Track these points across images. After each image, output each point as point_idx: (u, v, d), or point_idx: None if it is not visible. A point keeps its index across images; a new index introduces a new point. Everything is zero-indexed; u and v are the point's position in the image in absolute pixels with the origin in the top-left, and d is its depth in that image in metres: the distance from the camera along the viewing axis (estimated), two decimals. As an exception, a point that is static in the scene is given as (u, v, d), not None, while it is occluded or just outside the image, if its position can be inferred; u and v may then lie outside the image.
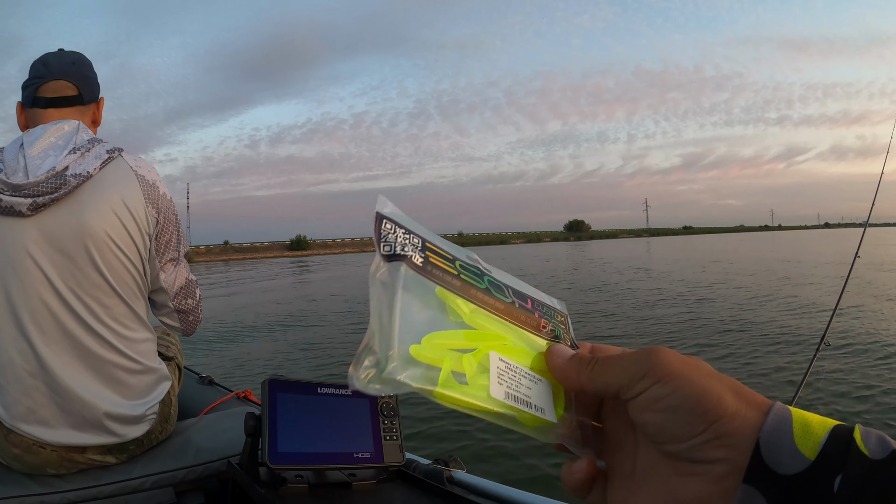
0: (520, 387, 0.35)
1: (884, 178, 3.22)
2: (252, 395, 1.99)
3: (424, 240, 0.35)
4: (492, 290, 0.37)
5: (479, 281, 0.36)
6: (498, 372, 0.34)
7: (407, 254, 0.34)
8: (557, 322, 0.40)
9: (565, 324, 0.41)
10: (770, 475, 0.31)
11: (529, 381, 0.36)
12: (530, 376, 0.36)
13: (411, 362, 0.31)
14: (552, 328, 0.39)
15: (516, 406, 0.34)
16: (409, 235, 0.35)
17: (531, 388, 0.36)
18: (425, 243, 0.35)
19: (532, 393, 0.35)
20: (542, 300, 0.41)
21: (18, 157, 1.34)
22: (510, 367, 0.35)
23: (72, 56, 1.54)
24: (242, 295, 18.96)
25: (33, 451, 1.31)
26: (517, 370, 0.35)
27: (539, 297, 0.41)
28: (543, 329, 0.39)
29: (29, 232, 1.30)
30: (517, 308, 0.38)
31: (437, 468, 1.38)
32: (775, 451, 0.31)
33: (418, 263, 0.34)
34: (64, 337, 1.32)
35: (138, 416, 1.41)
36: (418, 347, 0.32)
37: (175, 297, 1.55)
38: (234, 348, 8.72)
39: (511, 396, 0.34)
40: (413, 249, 0.34)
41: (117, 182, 1.40)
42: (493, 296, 0.37)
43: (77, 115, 1.50)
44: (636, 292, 13.93)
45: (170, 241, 1.51)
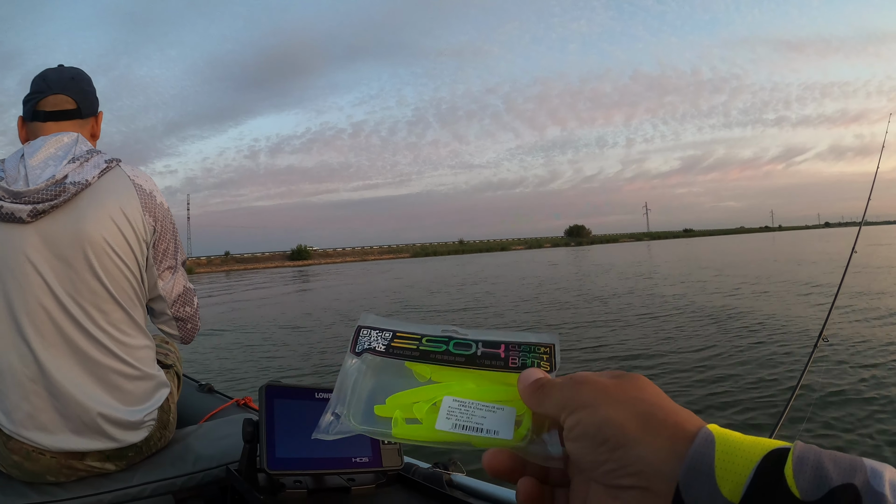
0: (472, 417, 0.42)
1: (883, 175, 3.21)
2: (251, 402, 2.00)
3: (395, 331, 0.47)
4: (453, 350, 0.46)
5: (440, 347, 0.46)
6: (448, 410, 0.42)
7: (372, 346, 0.46)
8: (536, 355, 0.46)
9: (549, 353, 0.46)
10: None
11: (486, 412, 0.42)
12: (488, 407, 0.43)
13: (371, 418, 0.42)
14: (521, 361, 0.45)
15: (465, 433, 0.41)
16: (380, 333, 0.47)
17: (486, 417, 0.42)
18: (395, 334, 0.47)
19: (486, 420, 0.42)
20: (520, 341, 0.47)
21: (19, 166, 1.38)
22: (464, 404, 0.43)
23: (71, 71, 1.58)
24: (242, 303, 18.96)
25: (33, 457, 1.32)
26: (472, 405, 0.43)
27: (517, 340, 0.47)
28: (513, 365, 0.45)
29: (29, 238, 1.32)
30: (480, 355, 0.46)
31: (436, 472, 1.38)
32: (695, 493, 0.29)
33: (381, 350, 0.46)
34: (63, 342, 1.33)
35: (136, 421, 1.42)
36: (381, 407, 0.43)
37: (173, 305, 1.57)
38: (233, 356, 8.73)
39: (460, 426, 0.41)
40: (379, 342, 0.46)
41: (115, 191, 1.42)
42: (454, 353, 0.46)
43: (76, 128, 1.53)
44: (639, 298, 13.92)
45: (167, 249, 1.53)
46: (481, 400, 0.43)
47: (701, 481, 0.29)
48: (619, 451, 0.32)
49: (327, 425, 0.43)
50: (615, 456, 0.32)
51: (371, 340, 0.46)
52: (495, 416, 0.42)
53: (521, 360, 0.45)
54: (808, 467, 0.27)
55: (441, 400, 0.43)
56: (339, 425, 0.42)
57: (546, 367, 0.45)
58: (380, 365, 0.45)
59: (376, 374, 0.45)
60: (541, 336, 0.48)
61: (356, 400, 0.43)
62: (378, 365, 0.45)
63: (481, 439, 0.41)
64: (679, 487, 0.29)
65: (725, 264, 24.97)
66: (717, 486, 0.28)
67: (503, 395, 0.43)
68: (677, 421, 0.32)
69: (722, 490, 0.28)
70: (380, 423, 0.42)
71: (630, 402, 0.34)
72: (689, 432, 0.31)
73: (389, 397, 0.43)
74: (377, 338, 0.47)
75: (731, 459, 0.29)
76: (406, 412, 0.43)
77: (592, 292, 15.22)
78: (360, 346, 0.46)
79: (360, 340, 0.46)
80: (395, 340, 0.47)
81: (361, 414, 0.43)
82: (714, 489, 0.28)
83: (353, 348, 0.46)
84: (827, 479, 0.27)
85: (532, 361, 0.45)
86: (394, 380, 0.45)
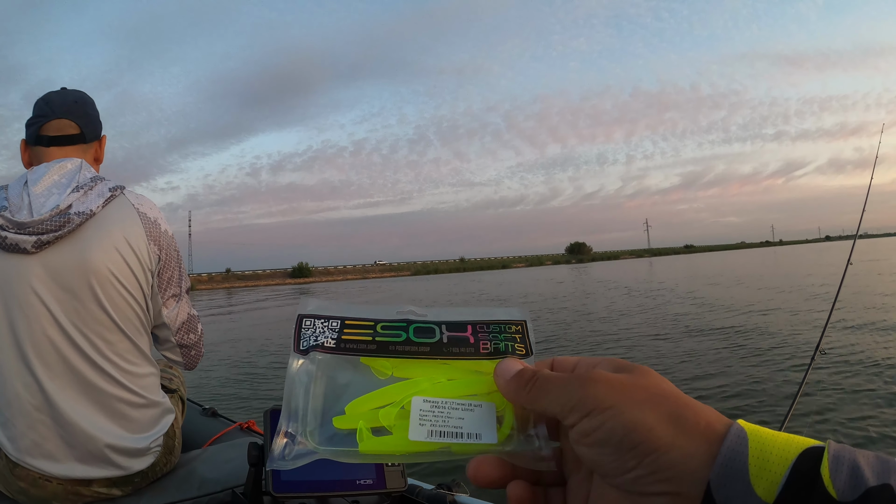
0: (448, 420, 0.37)
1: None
2: (255, 426, 2.00)
3: (344, 319, 0.40)
4: (414, 337, 0.40)
5: (399, 335, 0.40)
6: (420, 414, 0.37)
7: (319, 342, 0.39)
8: (508, 335, 0.41)
9: (521, 332, 0.42)
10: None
11: (462, 412, 0.38)
12: (464, 406, 0.38)
13: (332, 434, 0.36)
14: (494, 346, 0.40)
15: (444, 440, 0.37)
16: (327, 322, 0.40)
17: (464, 418, 0.38)
18: (344, 322, 0.40)
19: (465, 422, 0.38)
20: (488, 319, 0.42)
21: (23, 194, 1.37)
22: (436, 404, 0.38)
23: (74, 95, 1.57)
24: (244, 324, 18.91)
25: (39, 484, 1.32)
26: (446, 405, 0.38)
27: (484, 318, 0.42)
28: (484, 350, 0.40)
29: (33, 269, 1.33)
30: (447, 342, 0.40)
31: (440, 493, 1.38)
32: (728, 493, 0.28)
33: (331, 346, 0.39)
34: (68, 371, 1.34)
35: (143, 448, 1.42)
36: (341, 418, 0.37)
37: (177, 332, 1.57)
38: (236, 379, 8.69)
39: (437, 433, 0.37)
40: (327, 334, 0.39)
41: (120, 220, 1.42)
42: (416, 342, 0.40)
43: (79, 153, 1.52)
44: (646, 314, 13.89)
45: (171, 277, 1.53)
46: (455, 397, 0.38)
47: (734, 480, 0.28)
48: (651, 456, 0.29)
49: (281, 451, 0.36)
50: (645, 462, 0.30)
51: (317, 333, 0.39)
52: (474, 415, 0.38)
53: (493, 343, 0.40)
54: (845, 467, 0.26)
55: (410, 402, 0.37)
56: (295, 448, 0.36)
57: (521, 351, 0.41)
58: (331, 364, 0.38)
59: (329, 376, 0.38)
60: (510, 311, 0.43)
61: (311, 414, 0.37)
62: (329, 364, 0.38)
63: (462, 446, 0.37)
64: (710, 487, 0.28)
65: (723, 278, 24.92)
66: (750, 485, 0.27)
67: (478, 388, 0.39)
68: (708, 420, 0.30)
69: (756, 489, 0.27)
70: (343, 440, 0.36)
71: (655, 401, 0.31)
72: (719, 431, 0.30)
73: (349, 405, 0.37)
74: (323, 329, 0.39)
75: (765, 458, 0.28)
76: (371, 421, 0.37)
77: (597, 311, 15.19)
78: (306, 341, 0.39)
79: (304, 334, 0.39)
80: (346, 331, 0.39)
81: (319, 431, 0.36)
82: (748, 488, 0.27)
83: (297, 346, 0.38)
84: (863, 479, 0.26)
85: (505, 345, 0.41)
86: (350, 380, 0.38)
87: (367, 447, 0.36)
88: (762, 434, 0.29)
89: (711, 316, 11.93)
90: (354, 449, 0.36)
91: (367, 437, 0.36)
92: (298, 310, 0.40)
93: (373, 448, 0.36)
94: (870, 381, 5.79)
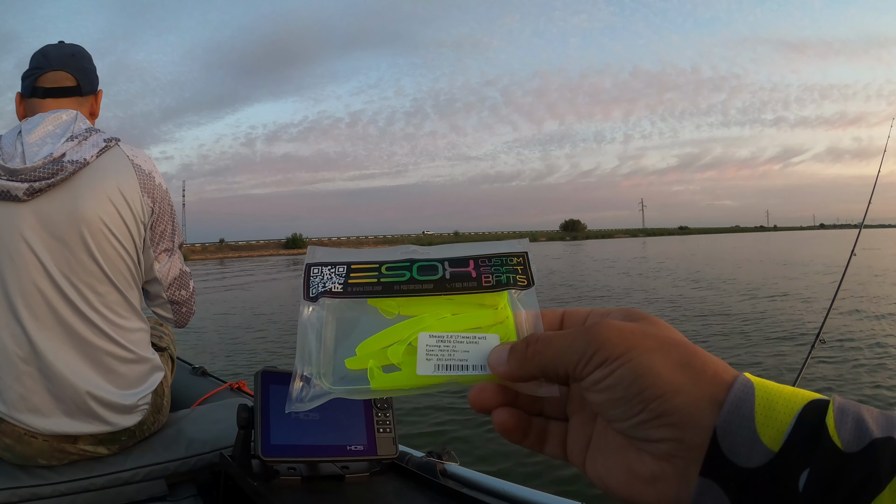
0: (454, 354, 0.38)
1: (881, 178, 3.22)
2: (246, 387, 1.99)
3: (349, 263, 0.41)
4: (418, 276, 0.41)
5: (403, 274, 0.41)
6: (427, 349, 0.38)
7: (327, 288, 0.40)
8: (510, 267, 0.42)
9: (522, 264, 0.42)
10: (729, 467, 0.28)
11: (467, 344, 0.39)
12: (469, 339, 0.39)
13: (345, 375, 0.38)
14: (496, 279, 0.41)
15: (451, 373, 0.38)
16: (333, 269, 0.41)
17: (469, 350, 0.39)
18: (350, 267, 0.41)
19: (470, 355, 0.38)
20: (490, 252, 0.43)
21: (16, 143, 1.35)
22: (442, 339, 0.39)
23: (71, 48, 1.56)
24: (237, 289, 18.95)
25: (25, 440, 1.30)
26: (451, 339, 0.39)
27: (486, 252, 0.43)
28: (486, 283, 0.41)
29: (24, 217, 1.30)
30: (449, 278, 0.41)
31: (430, 461, 1.38)
32: (734, 439, 0.28)
33: (338, 290, 0.40)
34: (57, 323, 1.32)
35: (130, 405, 1.40)
36: (352, 359, 0.39)
37: (169, 287, 1.55)
38: (227, 339, 8.72)
39: (443, 367, 0.38)
40: (335, 280, 0.41)
41: (114, 170, 1.40)
42: (420, 280, 0.41)
43: (75, 105, 1.51)
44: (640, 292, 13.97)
45: (164, 231, 1.51)
46: (459, 331, 0.39)
47: (740, 427, 0.28)
48: (657, 401, 0.30)
49: (298, 393, 0.38)
50: (651, 406, 0.30)
51: (325, 280, 0.41)
52: (478, 347, 0.39)
53: (496, 276, 0.41)
54: (850, 419, 0.27)
55: (416, 338, 0.39)
56: (311, 390, 0.38)
57: (523, 282, 0.41)
58: (340, 308, 0.40)
59: (338, 320, 0.40)
60: (510, 244, 0.44)
61: (324, 356, 0.39)
62: (338, 308, 0.40)
63: (468, 377, 0.38)
64: (716, 434, 0.28)
65: (722, 263, 25.04)
66: (756, 433, 0.28)
67: (482, 320, 0.40)
68: (716, 370, 0.30)
69: (762, 437, 0.28)
70: (355, 379, 0.38)
71: (665, 349, 0.31)
72: (726, 380, 0.30)
73: (359, 346, 0.39)
74: (330, 275, 0.41)
75: (771, 406, 0.28)
76: (381, 359, 0.38)
77: (596, 288, 15.27)
78: (314, 288, 0.40)
79: (313, 282, 0.41)
80: (352, 275, 0.41)
81: (332, 372, 0.38)
82: (753, 436, 0.28)
83: (307, 293, 0.40)
84: (868, 431, 0.26)
85: (507, 277, 0.41)
86: (359, 322, 0.40)
87: (378, 384, 0.38)
88: (768, 385, 0.29)
89: (710, 300, 12.00)
90: (366, 386, 0.38)
91: (377, 375, 0.38)
92: (307, 259, 0.42)
93: (383, 385, 0.38)
94: (871, 373, 5.83)
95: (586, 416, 0.37)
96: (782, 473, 0.27)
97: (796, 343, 7.18)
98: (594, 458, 0.36)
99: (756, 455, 0.27)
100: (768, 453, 0.27)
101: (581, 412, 0.38)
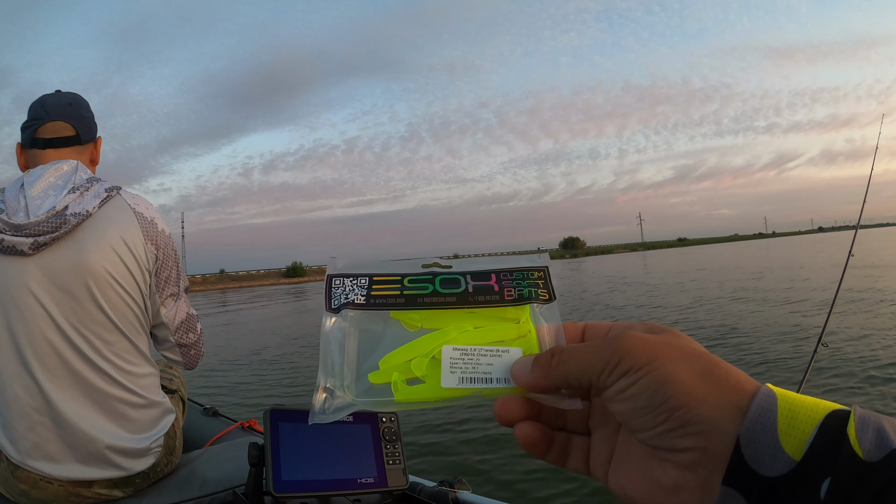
0: (478, 367, 0.39)
1: (875, 177, 3.23)
2: (257, 425, 1.99)
3: (371, 276, 0.41)
4: (441, 289, 0.41)
5: (426, 287, 0.41)
6: (451, 362, 0.38)
7: (350, 300, 0.40)
8: (531, 281, 0.42)
9: (543, 278, 0.43)
10: (751, 476, 0.28)
11: (491, 357, 0.39)
12: (492, 352, 0.39)
13: (368, 388, 0.38)
14: (518, 292, 0.42)
15: (475, 386, 0.38)
16: (355, 280, 0.41)
17: (493, 364, 0.39)
18: (372, 279, 0.41)
19: (493, 368, 0.39)
20: (512, 266, 0.43)
21: (19, 197, 1.37)
22: (466, 352, 0.39)
23: (69, 97, 1.57)
24: (241, 324, 18.88)
25: (40, 486, 1.32)
26: (475, 352, 0.39)
27: (508, 266, 0.43)
28: (509, 297, 0.41)
29: (31, 270, 1.32)
30: (472, 291, 0.41)
31: (441, 490, 1.38)
32: (756, 448, 0.28)
33: (361, 302, 0.40)
34: (67, 373, 1.34)
35: (143, 449, 1.42)
36: (376, 373, 0.38)
37: (176, 331, 1.57)
38: (236, 379, 8.67)
39: (467, 379, 0.38)
40: (357, 292, 0.40)
41: (116, 220, 1.42)
42: (443, 293, 0.41)
43: (75, 154, 1.52)
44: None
45: (169, 276, 1.53)
46: (483, 344, 0.39)
47: (763, 436, 0.28)
48: (681, 410, 0.30)
49: (321, 405, 0.37)
50: (676, 415, 0.30)
51: (347, 291, 0.40)
52: (502, 360, 0.39)
53: (518, 290, 0.42)
54: (871, 429, 0.27)
55: (440, 351, 0.39)
56: (334, 402, 0.37)
57: (544, 296, 0.42)
58: (363, 320, 0.40)
59: (361, 332, 0.40)
60: (531, 258, 0.44)
61: (347, 368, 0.38)
62: (361, 320, 0.40)
63: (492, 390, 0.38)
64: (739, 442, 0.28)
65: (721, 271, 25.00)
66: (779, 441, 0.28)
67: (505, 334, 0.40)
68: (738, 379, 0.31)
69: (784, 446, 0.28)
70: (378, 392, 0.38)
71: (688, 358, 0.32)
72: (749, 390, 0.30)
73: (382, 360, 0.39)
74: (353, 287, 0.40)
75: (793, 416, 0.28)
76: (404, 372, 0.38)
77: (601, 305, 15.23)
78: (337, 300, 0.40)
79: (335, 293, 0.40)
80: (374, 287, 0.41)
81: (356, 384, 0.38)
82: (776, 444, 0.28)
83: (329, 304, 0.40)
84: (888, 440, 0.26)
85: (529, 290, 0.42)
86: (382, 335, 0.40)
87: (402, 397, 0.38)
88: (790, 395, 0.30)
89: (711, 309, 11.97)
90: (390, 398, 0.38)
91: (401, 388, 0.38)
92: (328, 271, 0.41)
93: (407, 397, 0.38)
94: (877, 373, 5.79)
95: (609, 430, 0.38)
96: (804, 482, 0.27)
97: (796, 345, 7.16)
98: (617, 471, 0.36)
99: (778, 464, 0.28)
100: (790, 462, 0.28)
101: (604, 426, 0.38)
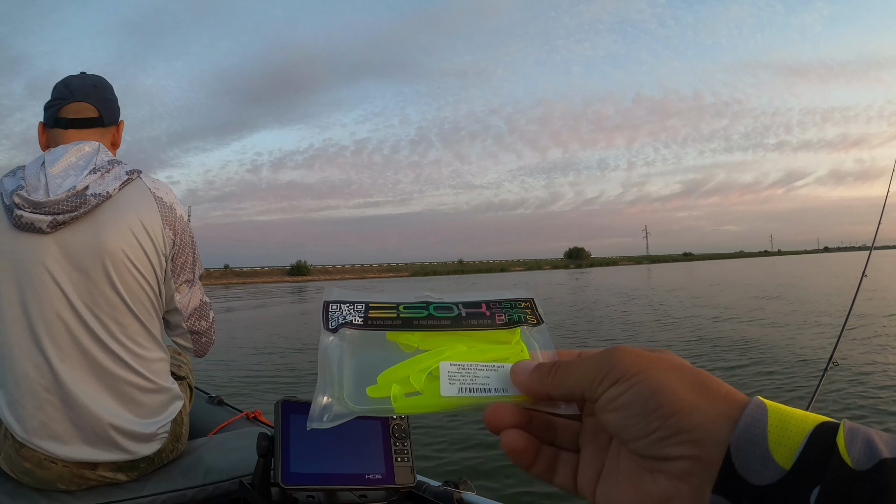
0: (475, 379, 0.40)
1: (881, 200, 3.21)
2: (262, 416, 1.99)
3: (368, 303, 0.43)
4: (436, 313, 0.43)
5: (421, 312, 0.43)
6: (449, 375, 0.40)
7: (348, 320, 0.42)
8: (519, 310, 0.45)
9: (530, 307, 0.46)
10: (741, 485, 0.29)
11: (487, 371, 0.41)
12: (488, 367, 0.41)
13: (366, 401, 0.39)
14: (508, 317, 0.44)
15: (474, 395, 0.40)
16: (352, 305, 0.43)
17: (489, 376, 0.41)
18: (368, 305, 0.43)
19: (490, 380, 0.40)
20: (499, 298, 0.46)
21: (40, 175, 1.37)
22: (463, 367, 0.41)
23: (93, 79, 1.58)
24: (247, 317, 18.93)
25: (45, 465, 1.32)
26: (472, 367, 0.41)
27: (496, 298, 0.46)
28: (500, 321, 0.44)
29: (48, 248, 1.32)
30: (465, 316, 0.44)
31: (447, 490, 1.38)
32: (747, 457, 0.29)
33: (359, 323, 0.42)
34: (79, 353, 1.34)
35: (150, 434, 1.42)
36: (374, 387, 0.40)
37: (189, 318, 1.57)
38: (241, 369, 8.69)
39: (465, 389, 0.40)
40: (355, 315, 0.42)
41: (136, 203, 1.42)
42: (438, 317, 0.43)
43: (97, 136, 1.52)
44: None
45: (185, 262, 1.53)
46: (478, 361, 0.41)
47: (753, 445, 0.29)
48: (674, 417, 0.31)
49: (321, 411, 0.38)
50: (668, 423, 0.31)
51: (345, 314, 0.42)
52: (498, 374, 0.40)
53: (507, 315, 0.44)
54: (860, 440, 0.28)
55: (437, 367, 0.40)
56: (333, 409, 0.39)
57: (533, 321, 0.44)
58: (360, 339, 0.41)
59: (358, 351, 0.41)
60: (516, 293, 0.47)
61: (346, 379, 0.39)
62: (358, 339, 0.41)
63: (490, 398, 0.40)
64: (730, 451, 0.29)
65: (727, 289, 24.93)
66: (769, 450, 0.28)
67: (499, 354, 0.42)
68: (728, 390, 0.32)
69: (774, 455, 0.28)
70: (377, 402, 0.39)
71: (679, 369, 0.32)
72: (740, 400, 0.31)
73: (380, 375, 0.40)
74: (350, 311, 0.42)
75: (784, 426, 0.29)
76: (404, 386, 0.40)
77: (602, 317, 15.20)
78: (335, 321, 0.42)
79: (332, 315, 0.42)
80: (371, 312, 0.43)
81: (354, 394, 0.39)
82: (766, 454, 0.28)
83: (327, 325, 0.41)
84: (877, 451, 0.27)
85: (518, 315, 0.44)
86: (379, 355, 0.41)
87: (401, 406, 0.39)
88: (781, 407, 0.30)
89: (719, 326, 11.92)
90: (388, 407, 0.39)
91: (400, 399, 0.39)
92: (324, 297, 0.43)
93: (406, 406, 0.39)
94: (887, 394, 5.76)
95: (599, 446, 0.38)
96: (793, 490, 0.27)
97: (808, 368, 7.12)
98: (606, 485, 0.37)
99: (768, 472, 0.28)
100: (780, 471, 0.28)
101: (593, 442, 0.39)
